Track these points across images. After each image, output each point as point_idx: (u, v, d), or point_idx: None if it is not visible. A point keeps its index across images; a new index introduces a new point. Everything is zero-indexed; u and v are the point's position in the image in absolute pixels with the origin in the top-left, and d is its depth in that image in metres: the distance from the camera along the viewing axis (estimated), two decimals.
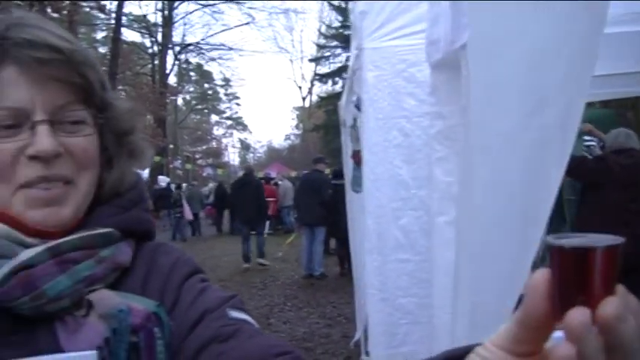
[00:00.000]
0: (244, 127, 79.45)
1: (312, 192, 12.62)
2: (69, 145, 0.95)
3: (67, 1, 14.46)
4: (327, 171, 13.85)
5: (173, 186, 27.53)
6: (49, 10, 14.48)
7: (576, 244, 0.49)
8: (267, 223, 22.20)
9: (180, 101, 64.64)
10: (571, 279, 0.49)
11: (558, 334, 0.50)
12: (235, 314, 1.00)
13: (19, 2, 13.80)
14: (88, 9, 36.57)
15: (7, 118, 0.91)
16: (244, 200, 13.90)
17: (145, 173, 40.23)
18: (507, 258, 1.72)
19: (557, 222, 4.83)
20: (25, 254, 0.89)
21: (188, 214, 23.48)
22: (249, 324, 1.00)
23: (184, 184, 31.95)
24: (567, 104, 1.60)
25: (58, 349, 0.87)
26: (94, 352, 0.84)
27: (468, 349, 0.59)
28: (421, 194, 3.14)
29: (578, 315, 0.48)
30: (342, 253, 12.69)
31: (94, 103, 1.01)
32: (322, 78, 45.82)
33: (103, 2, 31.45)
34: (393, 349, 3.38)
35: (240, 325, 0.98)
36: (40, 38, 0.93)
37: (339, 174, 11.64)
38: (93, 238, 0.96)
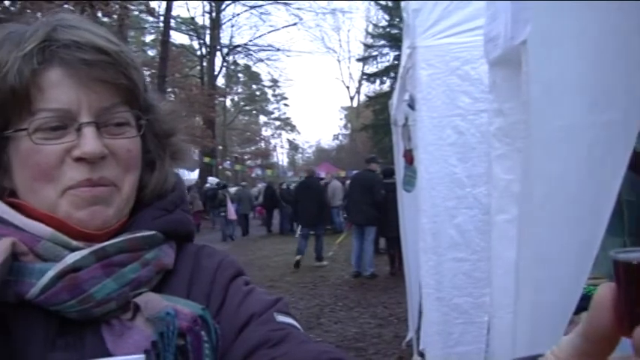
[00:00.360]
0: (292, 128, 79.73)
1: (364, 191, 12.65)
2: (113, 147, 0.95)
3: (117, 6, 14.68)
4: (377, 170, 13.78)
5: (216, 185, 27.93)
6: (99, 14, 14.74)
7: None
8: None
9: (228, 102, 65.16)
10: (637, 294, 0.48)
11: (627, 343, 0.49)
12: (282, 318, 1.00)
13: (70, 7, 14.07)
14: (137, 12, 37.21)
15: (53, 119, 0.91)
16: (306, 202, 14.08)
17: (195, 174, 40.76)
18: (569, 257, 1.70)
19: (616, 224, 4.73)
20: (71, 258, 0.90)
21: (232, 214, 23.70)
22: (297, 329, 1.00)
23: (231, 185, 32.24)
24: (630, 101, 1.57)
25: (105, 353, 0.88)
26: (142, 356, 0.86)
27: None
28: (476, 192, 3.11)
29: None
30: (393, 253, 12.70)
31: (138, 105, 1.01)
32: (370, 77, 45.69)
33: (152, 5, 31.95)
34: (448, 349, 3.36)
35: (289, 329, 0.98)
36: (86, 40, 0.93)
37: (389, 173, 11.94)
38: (137, 241, 0.96)
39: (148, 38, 58.58)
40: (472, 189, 3.11)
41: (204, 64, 51.52)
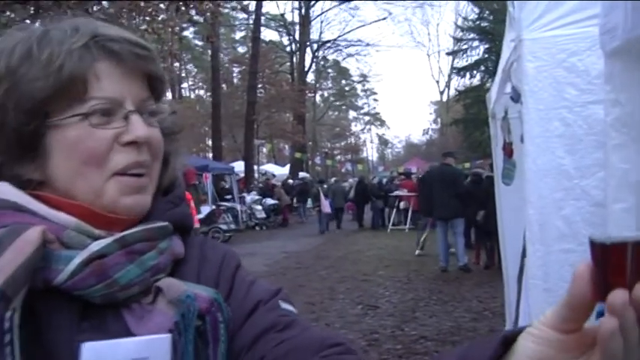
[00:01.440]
0: (382, 123, 79.63)
1: (445, 185, 12.73)
2: (149, 135, 1.02)
3: (211, 4, 14.98)
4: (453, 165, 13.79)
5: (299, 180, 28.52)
6: (193, 12, 15.08)
7: (615, 241, 0.61)
8: (409, 217, 22.42)
9: (318, 98, 65.54)
10: (610, 268, 0.61)
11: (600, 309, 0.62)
12: (286, 306, 1.10)
13: (162, 6, 14.48)
14: (228, 10, 37.84)
15: (103, 108, 0.97)
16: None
17: (286, 169, 41.23)
18: None
19: None
20: (96, 245, 0.95)
21: (326, 208, 24.22)
22: (299, 317, 1.09)
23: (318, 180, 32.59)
24: None
25: (128, 334, 0.94)
26: (168, 335, 0.94)
27: (522, 330, 0.69)
28: (583, 184, 3.09)
29: (619, 295, 0.59)
30: (490, 246, 12.72)
31: (159, 100, 1.10)
32: (460, 71, 45.00)
33: (245, 2, 32.43)
34: None
35: (294, 316, 1.08)
36: (129, 36, 1.02)
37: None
38: (153, 231, 1.02)
39: (238, 35, 59.65)
40: (579, 180, 3.09)
41: (294, 60, 51.97)
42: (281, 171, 40.14)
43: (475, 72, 42.69)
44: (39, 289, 0.90)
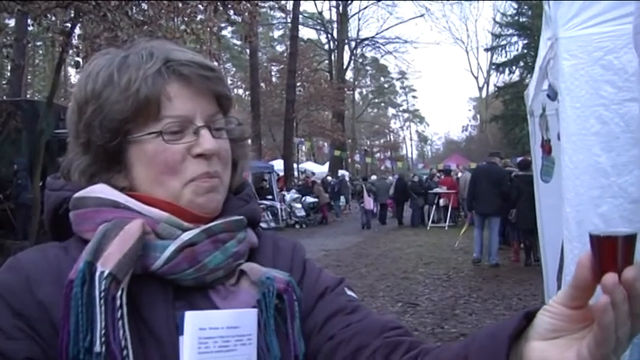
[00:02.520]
0: (421, 120, 79.27)
1: (491, 183, 13.23)
2: (218, 147, 1.16)
3: (249, 4, 15.06)
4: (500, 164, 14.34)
5: (347, 177, 28.83)
6: (231, 12, 15.16)
7: (608, 234, 0.76)
8: (449, 214, 22.33)
9: (357, 96, 65.41)
10: (604, 257, 0.75)
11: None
12: (350, 292, 1.27)
13: (200, 7, 14.60)
14: (265, 9, 37.95)
15: (175, 125, 1.12)
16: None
17: (325, 167, 41.24)
18: None
19: None
20: (186, 235, 1.11)
21: (368, 205, 24.72)
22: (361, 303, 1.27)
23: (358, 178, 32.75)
24: None
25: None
26: (255, 310, 1.10)
27: (540, 307, 0.85)
28: (620, 182, 3.09)
29: (610, 277, 0.74)
30: (529, 244, 12.71)
31: (227, 114, 1.23)
32: (499, 67, 44.57)
33: (282, 2, 32.50)
34: None
35: (359, 302, 1.25)
36: (198, 60, 1.16)
37: (524, 165, 12.56)
38: (232, 223, 1.17)
39: (276, 34, 59.87)
40: (617, 178, 3.09)
41: (333, 57, 51.95)
42: (320, 169, 40.15)
43: (514, 68, 42.30)
44: (137, 273, 1.05)
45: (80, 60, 13.66)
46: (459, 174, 24.14)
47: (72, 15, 13.50)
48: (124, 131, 1.12)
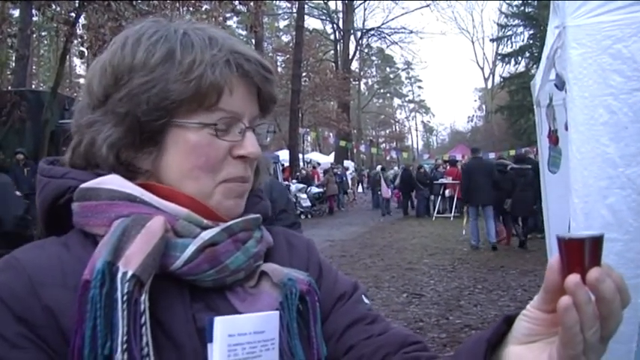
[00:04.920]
0: (427, 110, 79.25)
1: (481, 176, 14.57)
2: (260, 153, 1.12)
3: None
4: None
5: (353, 167, 29.43)
6: (236, 2, 15.14)
7: (574, 237, 0.77)
8: (454, 204, 22.44)
9: (362, 86, 65.43)
10: (570, 259, 0.77)
11: None
12: (367, 300, 1.25)
13: None
14: None
15: (227, 120, 1.06)
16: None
17: (331, 157, 41.28)
18: None
19: None
20: (207, 234, 1.03)
21: (386, 193, 26.37)
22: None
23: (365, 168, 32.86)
24: None
25: (237, 313, 1.04)
26: (277, 312, 1.05)
27: (519, 312, 0.86)
28: (629, 172, 3.04)
29: (571, 277, 0.75)
30: (523, 230, 14.70)
31: (265, 117, 1.19)
32: (504, 58, 44.59)
33: None
34: None
35: (377, 312, 1.23)
36: (258, 57, 1.10)
37: (521, 158, 15.12)
38: (250, 222, 1.11)
39: (282, 24, 59.82)
40: (625, 169, 3.04)
41: (338, 48, 51.93)
42: (326, 159, 40.21)
43: (520, 58, 42.34)
44: (155, 274, 0.97)
45: (85, 50, 13.65)
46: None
47: (76, 5, 13.48)
48: (171, 112, 1.04)
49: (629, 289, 0.80)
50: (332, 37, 53.72)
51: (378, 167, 32.00)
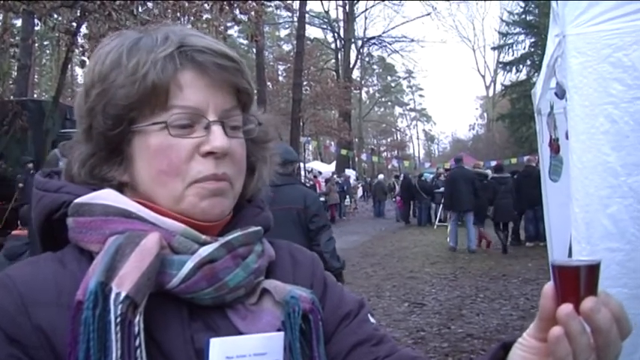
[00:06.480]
0: (428, 119, 79.33)
1: (463, 184, 15.46)
2: (232, 147, 1.03)
3: (254, 3, 15.07)
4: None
5: (354, 176, 29.84)
6: (237, 11, 15.16)
7: (568, 264, 0.75)
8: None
9: (364, 95, 65.48)
10: (565, 287, 0.74)
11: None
12: (372, 319, 1.19)
13: (206, 6, 14.59)
14: (272, 8, 37.93)
15: (185, 117, 1.00)
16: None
17: (332, 166, 41.25)
18: None
19: None
20: (205, 250, 0.99)
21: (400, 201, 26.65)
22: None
23: (366, 177, 32.88)
24: None
25: (237, 332, 1.00)
26: (281, 333, 1.00)
27: (516, 339, 0.84)
28: (630, 182, 3.03)
29: (563, 308, 0.73)
30: (505, 235, 15.27)
31: (247, 111, 1.10)
32: (506, 66, 44.63)
33: (288, 1, 32.49)
34: None
35: (383, 332, 1.17)
36: (217, 47, 1.03)
37: (499, 169, 16.41)
38: (250, 236, 1.06)
39: (283, 33, 59.95)
40: (626, 178, 3.03)
41: (339, 57, 51.99)
42: (327, 168, 40.14)
43: (521, 66, 42.40)
44: (151, 292, 0.94)
45: (86, 59, 13.67)
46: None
47: (77, 14, 13.50)
48: (128, 119, 1.00)
49: (632, 299, 0.79)
50: (333, 46, 53.77)
51: (380, 176, 32.00)
